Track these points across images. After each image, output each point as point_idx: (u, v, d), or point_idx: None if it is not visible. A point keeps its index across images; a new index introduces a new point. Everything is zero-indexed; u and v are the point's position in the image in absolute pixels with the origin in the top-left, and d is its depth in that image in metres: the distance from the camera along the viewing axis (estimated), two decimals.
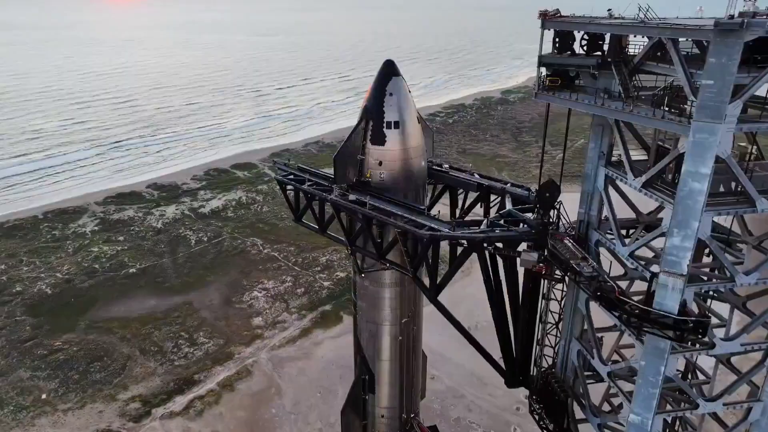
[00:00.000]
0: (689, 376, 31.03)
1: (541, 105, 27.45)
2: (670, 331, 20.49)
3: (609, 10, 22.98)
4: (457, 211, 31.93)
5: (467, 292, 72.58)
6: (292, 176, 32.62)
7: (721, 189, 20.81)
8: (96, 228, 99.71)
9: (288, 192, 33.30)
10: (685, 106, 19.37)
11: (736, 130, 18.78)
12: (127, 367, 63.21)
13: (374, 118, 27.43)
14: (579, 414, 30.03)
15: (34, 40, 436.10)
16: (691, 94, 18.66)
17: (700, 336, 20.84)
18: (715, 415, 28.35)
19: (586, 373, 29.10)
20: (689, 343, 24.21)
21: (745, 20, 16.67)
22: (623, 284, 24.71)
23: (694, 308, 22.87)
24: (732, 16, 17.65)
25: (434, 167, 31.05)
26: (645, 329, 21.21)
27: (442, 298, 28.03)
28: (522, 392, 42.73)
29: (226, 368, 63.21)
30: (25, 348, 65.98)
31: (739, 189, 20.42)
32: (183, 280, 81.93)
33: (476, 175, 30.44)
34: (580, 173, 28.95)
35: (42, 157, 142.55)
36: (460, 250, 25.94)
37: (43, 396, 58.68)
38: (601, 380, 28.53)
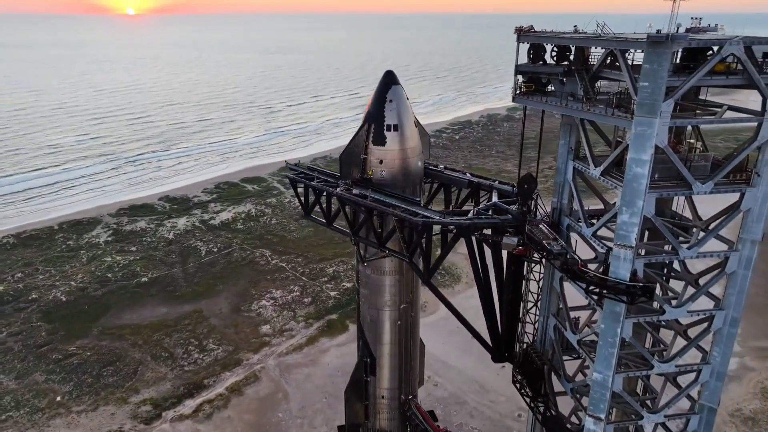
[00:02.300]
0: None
1: (547, 121, 30.46)
2: (623, 296, 24.01)
3: (575, 26, 26.13)
4: (451, 207, 34.64)
5: (470, 303, 73.99)
6: (302, 175, 35.64)
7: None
8: (109, 239, 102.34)
9: (298, 189, 36.49)
10: (632, 106, 23.03)
11: (670, 124, 22.28)
12: (138, 372, 65.00)
13: (376, 121, 30.37)
14: (558, 387, 33.19)
15: (49, 57, 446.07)
16: (634, 94, 22.38)
17: (647, 299, 24.42)
18: (675, 381, 31.64)
19: (561, 348, 32.63)
20: (654, 313, 28.06)
21: (670, 34, 20.33)
22: (593, 267, 27.55)
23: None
24: (659, 31, 21.23)
25: (430, 167, 33.90)
26: (603, 295, 24.69)
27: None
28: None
29: (235, 374, 64.81)
30: (40, 352, 68.06)
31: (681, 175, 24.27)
32: (193, 289, 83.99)
33: (468, 174, 33.28)
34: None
35: (59, 170, 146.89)
36: (451, 237, 28.75)
37: (58, 398, 60.55)
38: (577, 356, 31.91)
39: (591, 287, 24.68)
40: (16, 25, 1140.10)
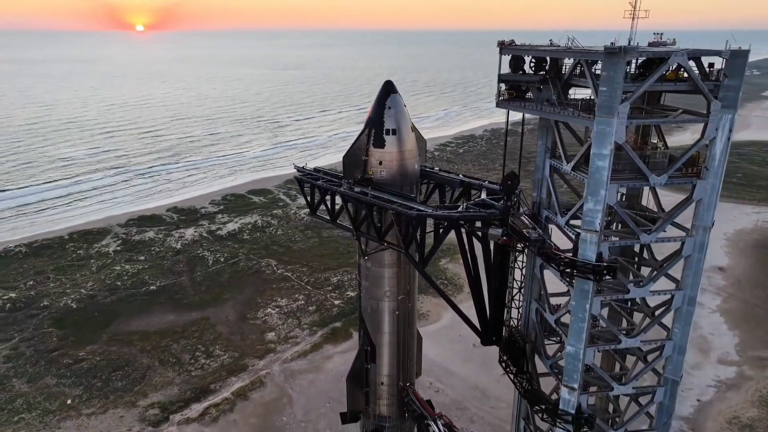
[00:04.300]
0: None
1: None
2: (590, 274, 26.92)
3: (550, 40, 28.76)
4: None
5: (472, 312, 75.46)
6: (309, 175, 38.42)
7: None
8: (118, 248, 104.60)
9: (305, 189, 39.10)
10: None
11: (627, 123, 25.36)
12: (146, 376, 66.62)
13: (376, 126, 32.99)
14: (541, 368, 35.87)
15: (60, 72, 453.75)
16: (596, 98, 25.28)
17: (611, 277, 27.30)
18: (645, 360, 34.26)
19: (542, 330, 35.65)
20: (620, 292, 31.05)
21: (623, 47, 23.46)
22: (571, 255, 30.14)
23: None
24: (613, 43, 24.42)
25: (426, 169, 36.38)
26: (573, 275, 27.54)
27: (449, 317, 32.79)
28: None
29: (241, 379, 66.30)
30: (51, 357, 69.88)
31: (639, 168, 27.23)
32: (200, 297, 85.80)
33: (460, 175, 35.81)
34: None
35: (71, 183, 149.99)
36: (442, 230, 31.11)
37: (69, 401, 62.19)
38: (558, 339, 34.71)
39: (563, 268, 27.68)
40: (32, 42, 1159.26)
